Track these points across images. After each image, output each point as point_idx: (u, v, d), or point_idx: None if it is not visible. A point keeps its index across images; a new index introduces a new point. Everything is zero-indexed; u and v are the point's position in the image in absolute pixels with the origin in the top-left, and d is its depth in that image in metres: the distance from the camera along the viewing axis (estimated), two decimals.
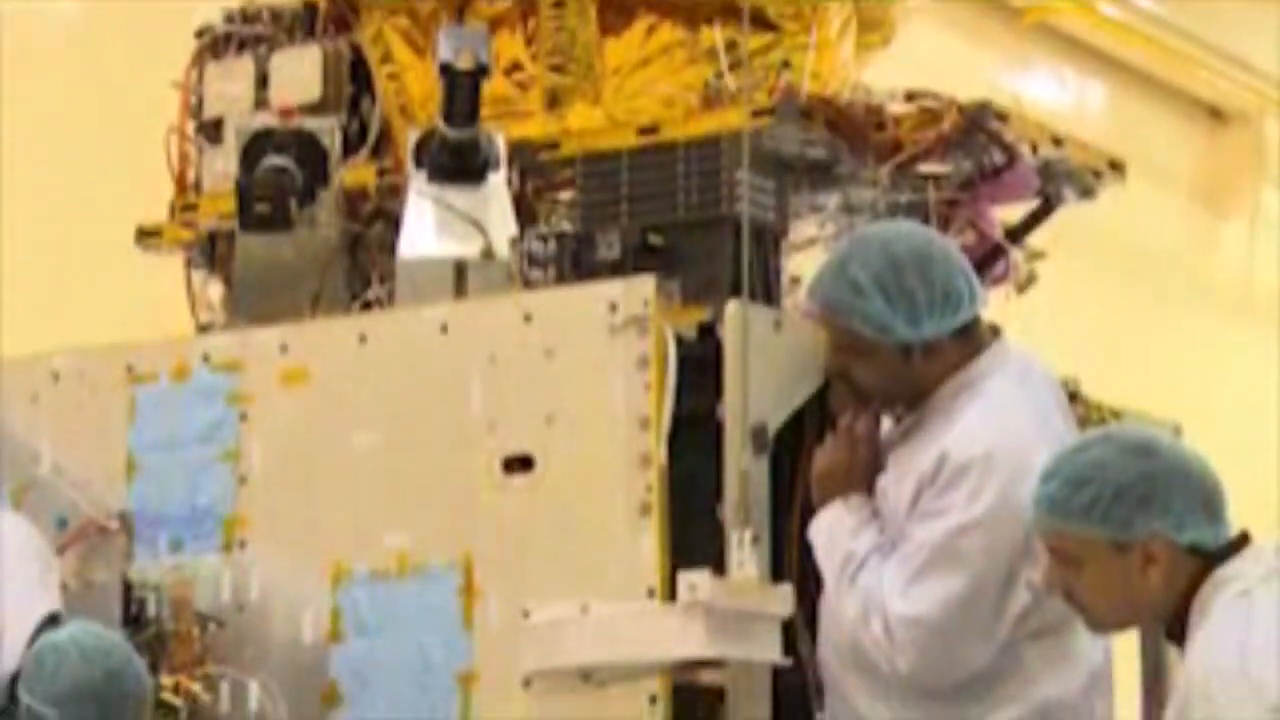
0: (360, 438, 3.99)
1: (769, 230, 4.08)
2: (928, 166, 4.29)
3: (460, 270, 4.15)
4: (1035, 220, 4.51)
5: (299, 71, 4.68)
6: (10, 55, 6.14)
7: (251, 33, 4.79)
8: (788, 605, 3.68)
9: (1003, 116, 4.27)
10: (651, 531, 3.69)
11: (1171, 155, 10.15)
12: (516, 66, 4.55)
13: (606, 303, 3.78)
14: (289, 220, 4.32)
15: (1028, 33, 9.27)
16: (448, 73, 4.14)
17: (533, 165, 4.40)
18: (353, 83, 4.69)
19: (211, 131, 4.77)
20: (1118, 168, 4.53)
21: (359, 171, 4.58)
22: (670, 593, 3.63)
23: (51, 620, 3.94)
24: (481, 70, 4.14)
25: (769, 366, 3.81)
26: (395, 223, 4.32)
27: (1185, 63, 9.96)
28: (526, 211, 4.34)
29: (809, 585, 3.80)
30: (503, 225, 4.19)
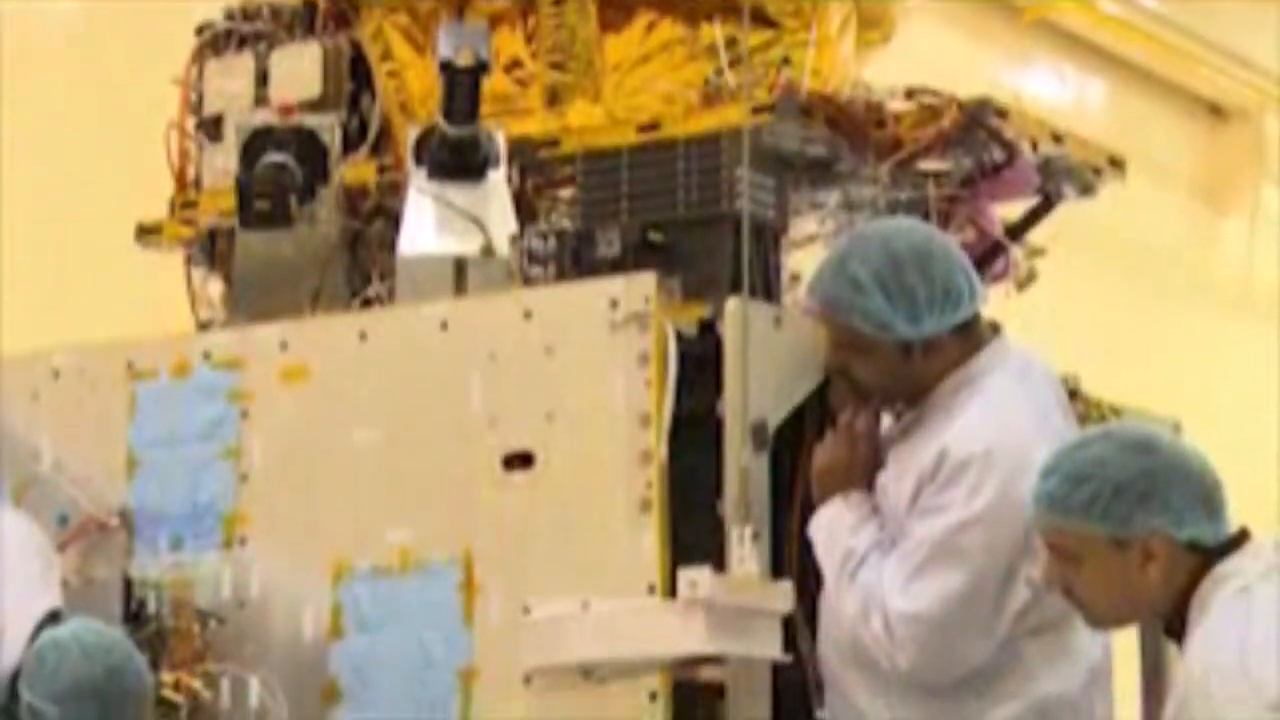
0: (361, 435, 3.99)
1: (769, 227, 4.08)
2: (928, 163, 4.29)
3: (460, 267, 4.15)
4: (1035, 217, 4.50)
5: (299, 68, 4.68)
6: (10, 55, 6.13)
7: (252, 30, 4.79)
8: (788, 602, 3.68)
9: (1003, 113, 4.27)
10: (652, 528, 3.69)
11: (1171, 152, 10.14)
12: (516, 64, 4.55)
13: (607, 299, 3.78)
14: (289, 217, 4.32)
15: (1028, 30, 9.27)
16: (448, 70, 4.14)
17: (533, 162, 4.40)
18: (353, 80, 4.69)
19: (211, 128, 4.77)
20: (1118, 165, 4.53)
21: (359, 169, 4.58)
22: (671, 589, 3.62)
23: (52, 617, 3.93)
24: (481, 67, 4.14)
25: (769, 363, 3.81)
26: (395, 220, 4.32)
27: (1185, 60, 9.96)
28: (526, 209, 4.34)
29: (809, 582, 3.80)
30: (503, 222, 4.19)
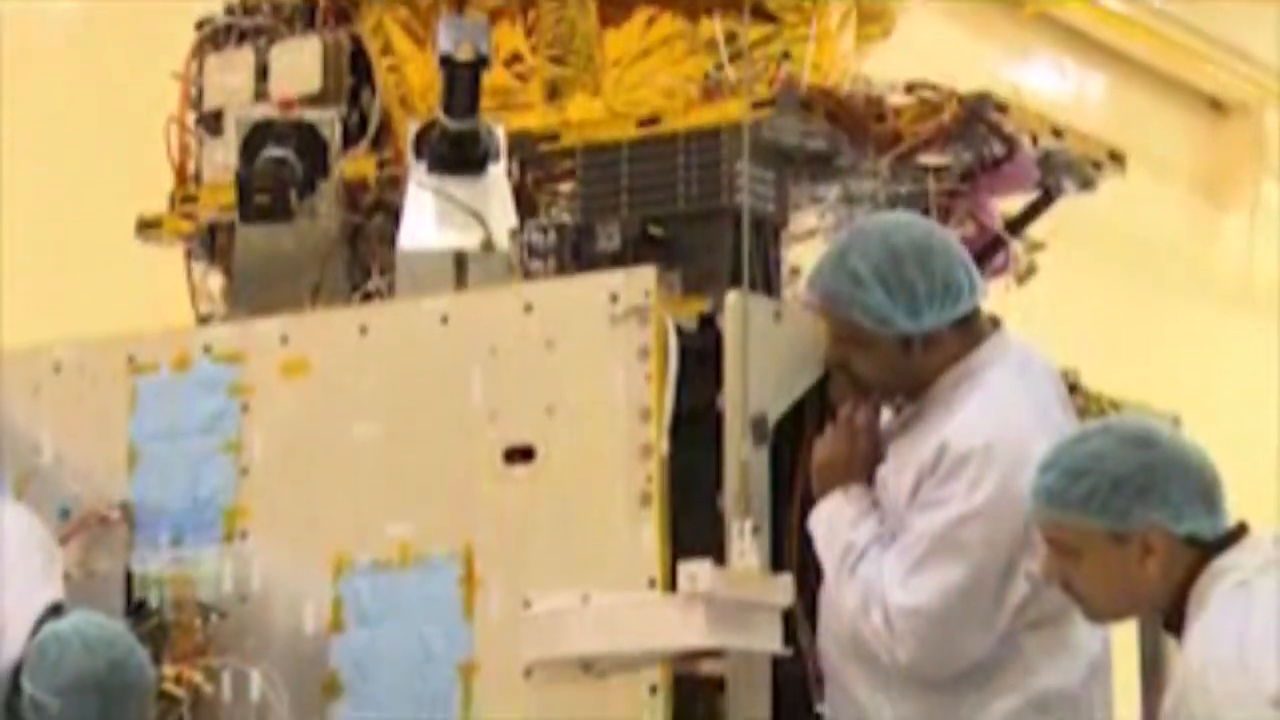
0: (361, 428, 3.99)
1: (769, 221, 4.08)
2: (928, 158, 4.30)
3: (460, 261, 4.15)
4: (1035, 211, 4.51)
5: (299, 63, 4.68)
6: (10, 52, 6.13)
7: (252, 24, 4.80)
8: (788, 595, 3.69)
9: (1002, 108, 4.27)
10: (652, 522, 3.69)
11: (1172, 147, 10.13)
12: (516, 58, 4.55)
13: (607, 293, 3.78)
14: (289, 211, 4.33)
15: (1029, 24, 9.25)
16: (448, 64, 4.14)
17: (533, 156, 4.40)
18: (353, 74, 4.70)
19: (211, 123, 4.77)
20: (1118, 159, 4.53)
21: (359, 163, 4.58)
22: (671, 583, 3.63)
23: (54, 610, 3.93)
24: (481, 62, 4.14)
25: (769, 357, 3.81)
26: (395, 214, 4.32)
27: (1186, 54, 9.94)
28: (526, 203, 4.34)
29: (809, 576, 3.80)
30: (503, 216, 4.19)
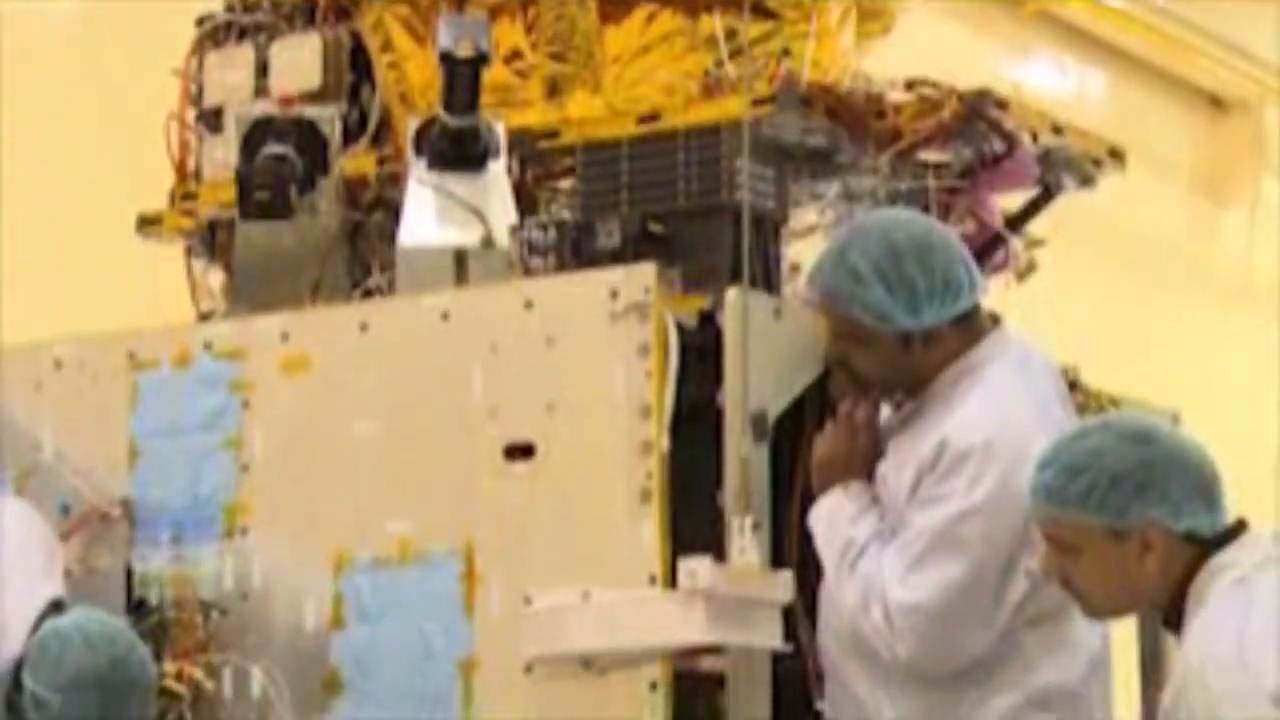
0: (361, 425, 4.00)
1: (769, 218, 4.09)
2: (928, 154, 4.30)
3: (461, 258, 4.16)
4: (1035, 208, 4.51)
5: (299, 60, 4.68)
6: (10, 49, 6.13)
7: (252, 21, 4.80)
8: (788, 592, 3.69)
9: (1002, 105, 4.27)
10: (652, 518, 3.70)
11: (1172, 144, 10.13)
12: (516, 54, 4.55)
13: (607, 290, 3.78)
14: (289, 208, 4.33)
15: (1029, 21, 9.25)
16: (448, 61, 4.14)
17: (533, 153, 4.41)
18: (353, 71, 4.70)
19: (212, 120, 4.77)
20: (1118, 156, 4.53)
21: (359, 160, 4.58)
22: (671, 579, 3.63)
23: (55, 607, 3.94)
24: (481, 58, 4.14)
25: (769, 354, 3.81)
26: (395, 211, 4.32)
27: (1186, 51, 9.94)
28: (526, 200, 4.34)
29: (809, 572, 3.81)
30: (503, 213, 4.19)
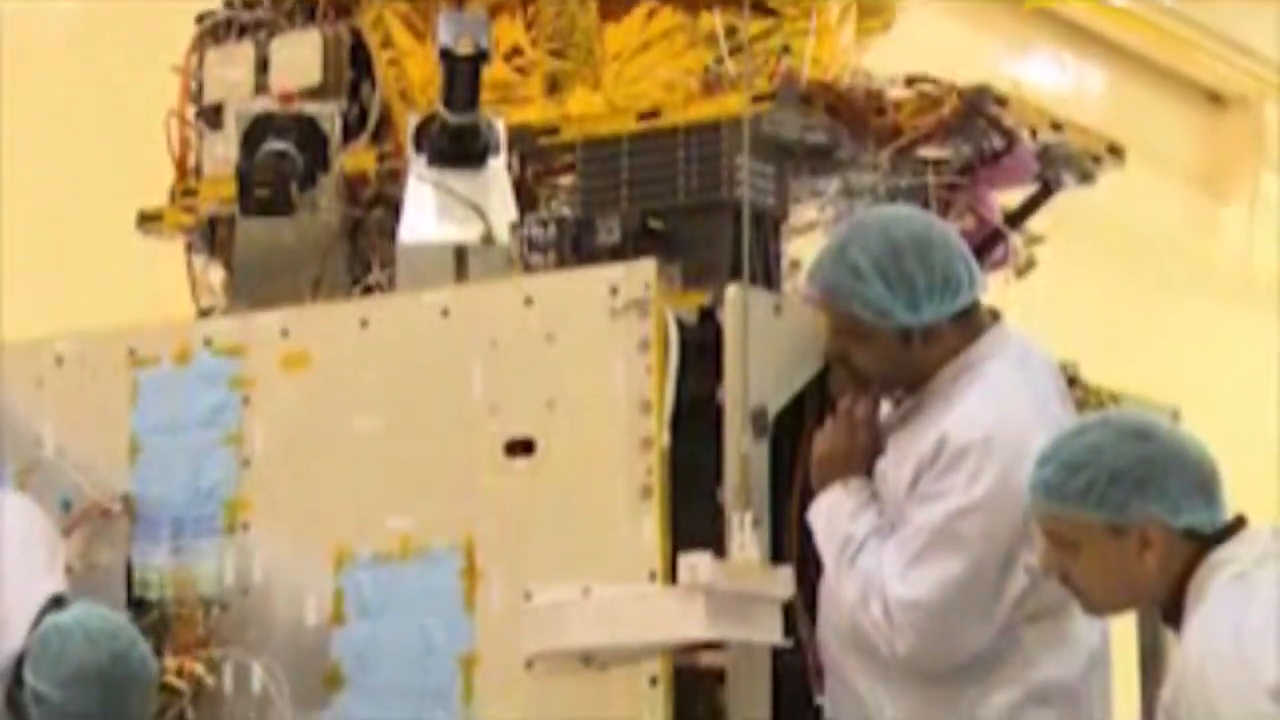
0: (362, 421, 4.00)
1: (769, 215, 4.09)
2: (927, 151, 4.30)
3: (461, 255, 4.16)
4: (1034, 205, 4.51)
5: (299, 56, 4.69)
6: (10, 52, 6.13)
7: (252, 18, 4.80)
8: (788, 587, 3.69)
9: (1002, 101, 4.28)
10: (652, 514, 3.70)
11: (1171, 140, 10.12)
12: (516, 51, 4.56)
13: (607, 286, 3.79)
14: (289, 205, 4.33)
15: (1028, 18, 9.25)
16: (448, 58, 4.14)
17: (533, 150, 4.41)
18: (353, 68, 4.70)
19: (212, 116, 4.78)
20: (1117, 152, 4.53)
21: (359, 156, 4.59)
22: (671, 575, 3.63)
23: (56, 602, 3.94)
24: (481, 55, 4.14)
25: (769, 350, 3.82)
26: (396, 208, 4.33)
27: (1185, 48, 9.94)
28: (526, 196, 4.35)
29: (809, 568, 3.81)
30: (503, 210, 4.20)
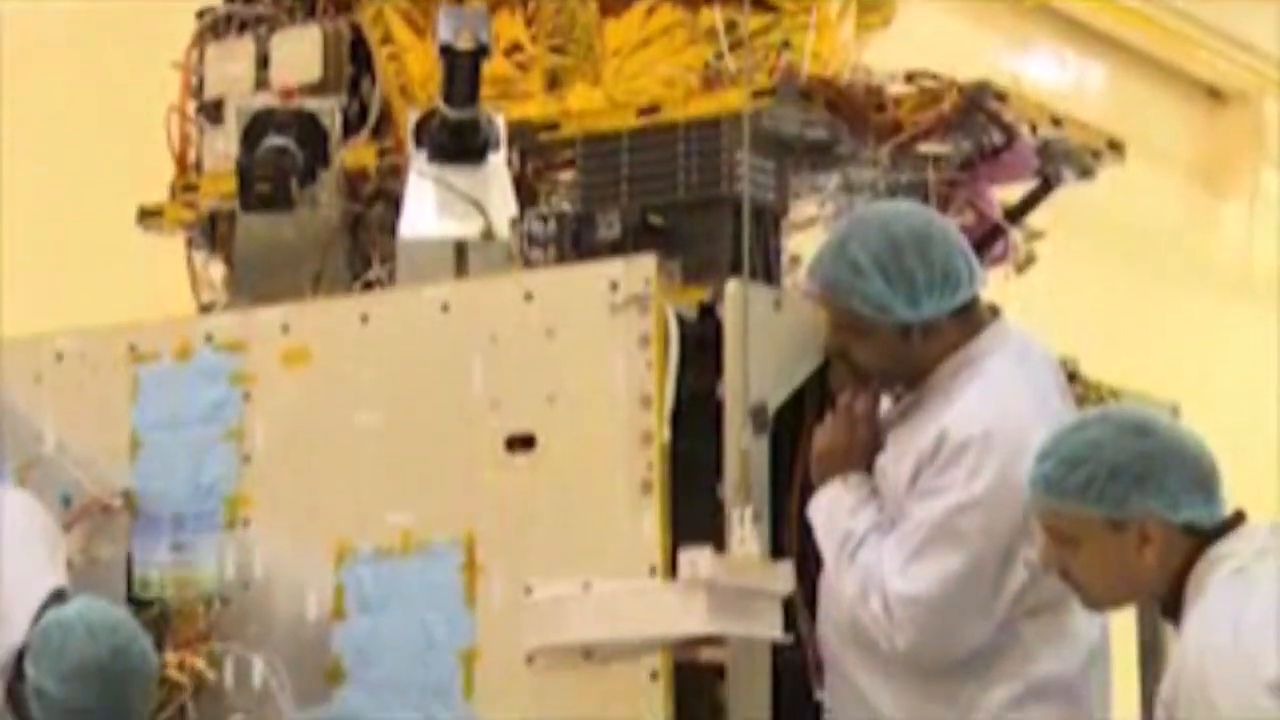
0: (362, 417, 4.00)
1: (769, 210, 4.09)
2: (927, 147, 4.30)
3: (461, 250, 4.16)
4: (1034, 200, 4.51)
5: (299, 52, 4.69)
6: (10, 51, 6.14)
7: (252, 13, 4.80)
8: (788, 583, 3.70)
9: (1002, 97, 4.28)
10: (653, 509, 3.70)
11: (1171, 136, 10.12)
12: (516, 47, 4.56)
13: (608, 281, 3.79)
14: (290, 200, 4.33)
15: (1028, 14, 9.25)
16: (448, 53, 4.14)
17: (533, 146, 4.41)
18: (353, 63, 4.70)
19: (212, 112, 4.78)
20: (1117, 148, 4.54)
21: (359, 152, 4.59)
22: (671, 570, 3.64)
23: (57, 596, 3.95)
24: (482, 51, 4.15)
25: (769, 346, 3.82)
26: (396, 203, 4.33)
27: (1184, 43, 9.94)
28: (526, 192, 4.35)
29: (809, 563, 3.81)
30: (503, 205, 4.20)
